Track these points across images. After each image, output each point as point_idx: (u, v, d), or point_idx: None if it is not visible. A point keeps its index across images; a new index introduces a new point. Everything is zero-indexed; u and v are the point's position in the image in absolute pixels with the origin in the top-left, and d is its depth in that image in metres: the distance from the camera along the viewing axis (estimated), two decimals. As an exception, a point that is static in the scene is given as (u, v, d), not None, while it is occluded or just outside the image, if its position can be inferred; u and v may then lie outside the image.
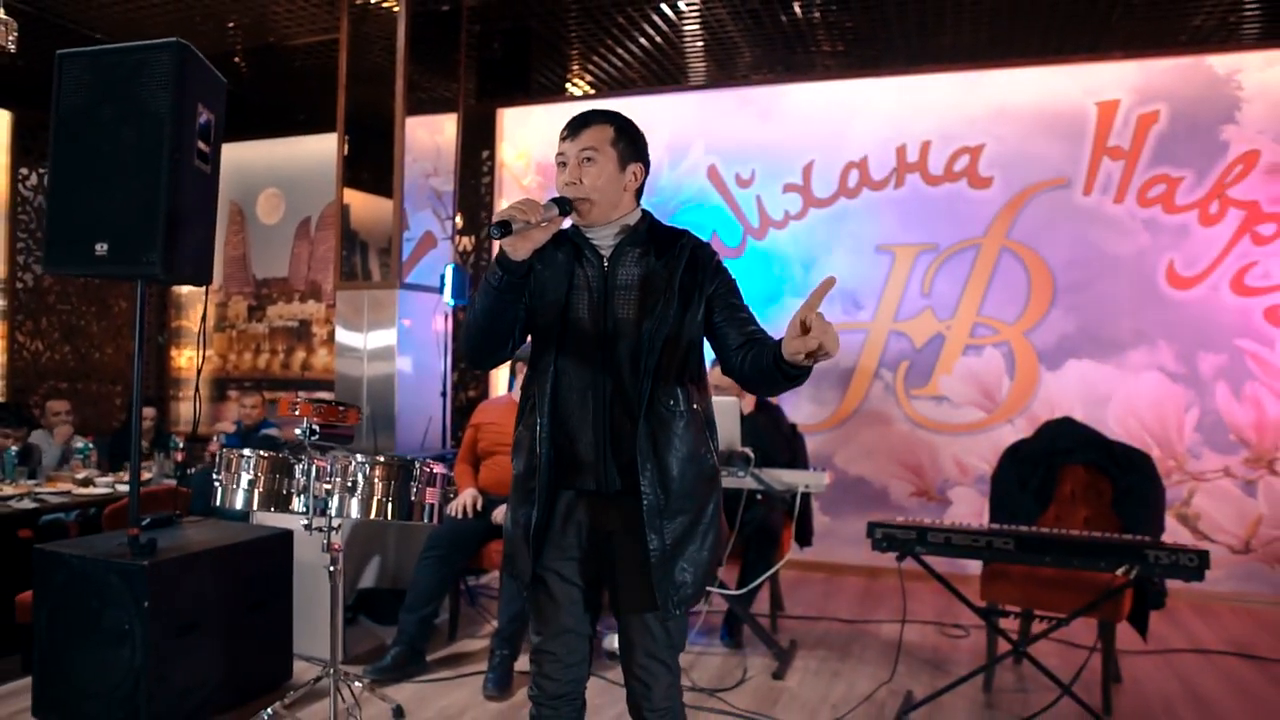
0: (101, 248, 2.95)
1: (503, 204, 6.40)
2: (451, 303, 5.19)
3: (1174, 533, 4.83)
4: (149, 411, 6.16)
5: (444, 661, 3.79)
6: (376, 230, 5.45)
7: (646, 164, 1.83)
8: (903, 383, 5.47)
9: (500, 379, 6.31)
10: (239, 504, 2.79)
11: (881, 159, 5.53)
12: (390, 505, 2.69)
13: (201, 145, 3.10)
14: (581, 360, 1.77)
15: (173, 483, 4.82)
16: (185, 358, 7.45)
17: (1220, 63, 4.97)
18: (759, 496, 3.99)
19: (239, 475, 2.80)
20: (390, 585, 4.35)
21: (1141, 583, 3.35)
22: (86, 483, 4.99)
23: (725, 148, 5.85)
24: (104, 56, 3.03)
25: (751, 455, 3.81)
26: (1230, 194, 4.92)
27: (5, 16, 4.12)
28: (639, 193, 1.84)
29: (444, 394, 5.33)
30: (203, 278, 3.19)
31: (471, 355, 1.80)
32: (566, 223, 1.80)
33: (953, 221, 5.38)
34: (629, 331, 1.75)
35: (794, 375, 1.57)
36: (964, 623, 4.41)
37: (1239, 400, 4.90)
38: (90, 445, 5.55)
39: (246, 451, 2.82)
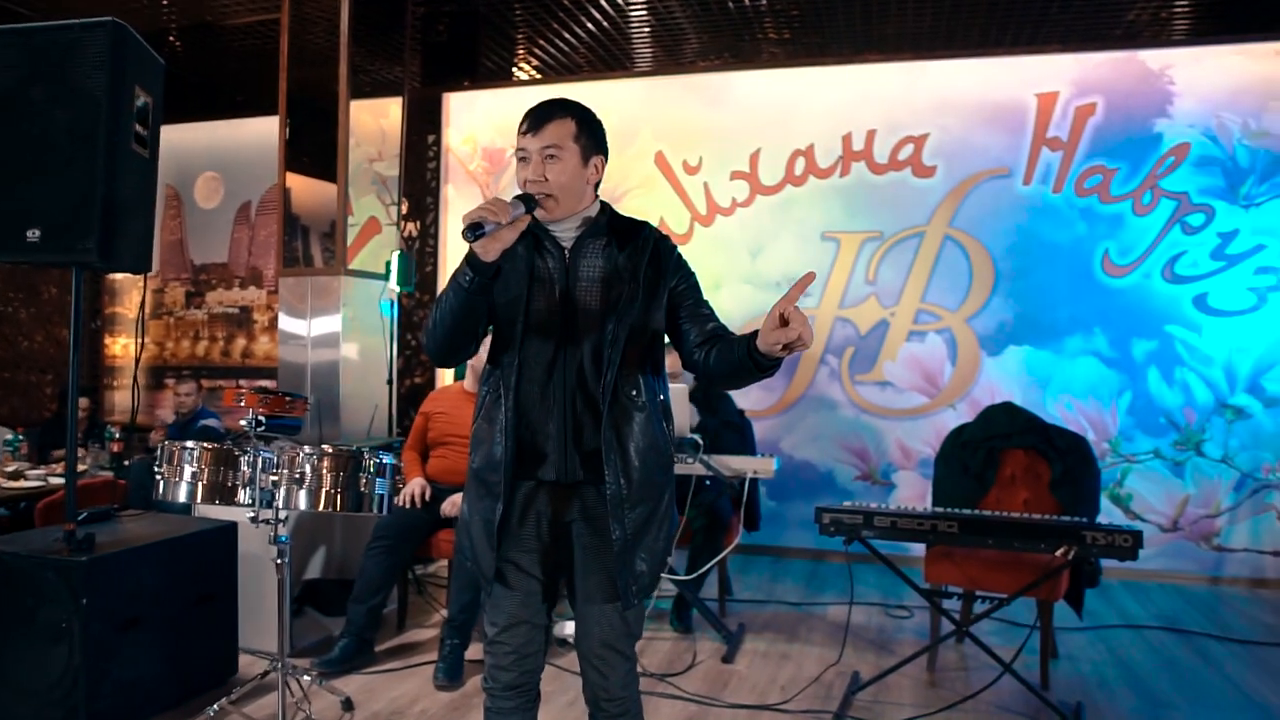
0: (34, 234, 2.84)
1: (449, 190, 6.32)
2: (398, 289, 5.12)
3: (1107, 512, 5.00)
4: (83, 402, 5.97)
5: (393, 652, 3.77)
6: (318, 215, 5.35)
7: (606, 154, 1.84)
8: (848, 368, 5.55)
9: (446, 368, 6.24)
10: (181, 497, 2.74)
11: (828, 147, 5.59)
12: (339, 496, 2.66)
13: (139, 128, 3.00)
14: (544, 353, 1.77)
15: (109, 475, 4.69)
16: (120, 345, 7.23)
17: (1153, 57, 5.12)
18: (707, 482, 4.02)
19: (181, 468, 2.74)
20: (336, 576, 4.30)
21: (1078, 562, 3.46)
22: (16, 476, 4.85)
23: (672, 134, 5.86)
24: (34, 35, 2.91)
25: (701, 441, 3.84)
26: (1162, 185, 5.08)
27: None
28: (598, 184, 1.85)
29: (390, 381, 5.27)
30: (141, 265, 3.10)
31: (438, 353, 1.80)
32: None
33: (897, 210, 5.46)
34: (592, 324, 1.77)
35: (767, 367, 1.60)
36: (908, 604, 4.51)
37: (1169, 385, 5.08)
38: (20, 437, 5.38)
39: (189, 444, 2.76)
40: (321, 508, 2.64)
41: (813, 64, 5.65)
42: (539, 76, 6.74)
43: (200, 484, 2.73)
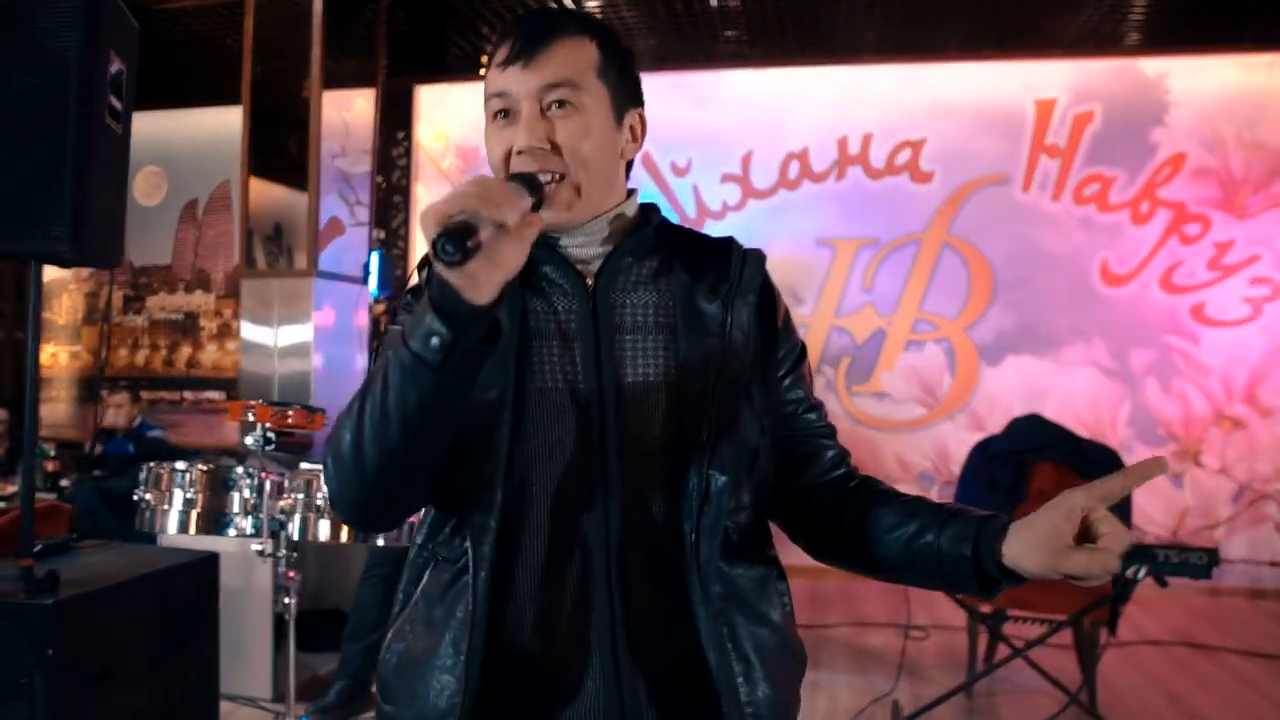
0: (-12, 220, 2.43)
1: (419, 191, 5.95)
2: (375, 293, 4.76)
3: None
4: (1, 414, 5.43)
5: (390, 693, 3.40)
6: (266, 215, 4.93)
7: (643, 107, 1.07)
8: (844, 379, 5.39)
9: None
10: (172, 527, 2.37)
11: (822, 150, 5.43)
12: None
13: (114, 100, 2.61)
14: (556, 480, 0.97)
15: (51, 498, 4.20)
16: (48, 354, 6.62)
17: (1150, 66, 5.10)
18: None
19: (171, 493, 2.36)
20: (311, 606, 3.91)
21: (1122, 587, 3.32)
22: (-62, 500, 4.31)
23: (660, 135, 5.57)
24: (-14, -10, 2.51)
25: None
26: (1159, 194, 5.07)
27: None
28: (631, 164, 1.08)
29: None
30: (112, 258, 2.68)
31: (363, 509, 0.97)
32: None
33: (894, 215, 5.34)
34: (655, 414, 0.98)
35: (994, 590, 0.93)
36: (922, 624, 4.33)
37: (1168, 395, 5.05)
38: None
39: (180, 465, 2.38)
40: (345, 539, 2.29)
41: (807, 64, 5.50)
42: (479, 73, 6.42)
43: (194, 512, 2.35)
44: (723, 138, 5.53)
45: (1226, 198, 5.02)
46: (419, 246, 5.87)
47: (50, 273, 6.55)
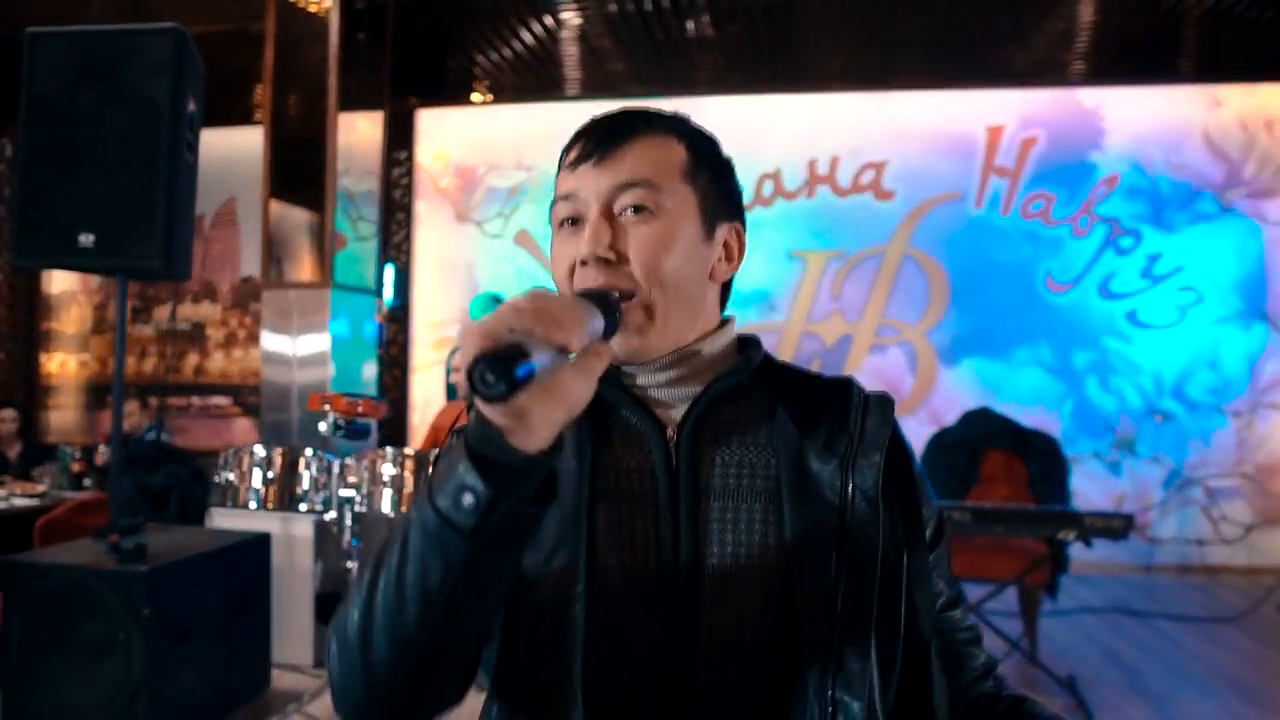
0: (86, 239, 2.82)
1: (419, 208, 6.34)
2: (390, 302, 5.13)
3: (1055, 510, 5.45)
4: (9, 414, 5.70)
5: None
6: (277, 231, 5.28)
7: (743, 222, 0.92)
8: (815, 380, 5.85)
9: (425, 384, 6.25)
10: (252, 503, 2.75)
11: (794, 171, 5.91)
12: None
13: (190, 136, 3.01)
14: (629, 680, 0.79)
15: (93, 494, 4.53)
16: (56, 362, 6.90)
17: (1088, 96, 5.66)
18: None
19: (251, 473, 2.75)
20: (334, 590, 4.27)
21: (1058, 550, 3.81)
22: (-25, 497, 4.63)
23: (645, 156, 6.06)
24: (83, 38, 2.90)
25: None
26: (1096, 211, 5.61)
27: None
28: (727, 289, 0.93)
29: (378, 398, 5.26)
30: (187, 271, 3.08)
31: (371, 709, 0.74)
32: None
33: (859, 230, 5.82)
34: (750, 606, 0.79)
35: None
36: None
37: (1106, 391, 5.58)
38: (-24, 457, 5.12)
39: (257, 448, 2.77)
40: (405, 509, 2.70)
41: (780, 92, 5.97)
42: (490, 98, 6.82)
43: (271, 489, 2.74)
44: (702, 159, 5.98)
45: (1155, 214, 5.58)
46: (420, 262, 6.26)
47: (59, 284, 6.87)
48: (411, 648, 0.68)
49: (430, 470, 0.71)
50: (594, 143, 0.82)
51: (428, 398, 6.12)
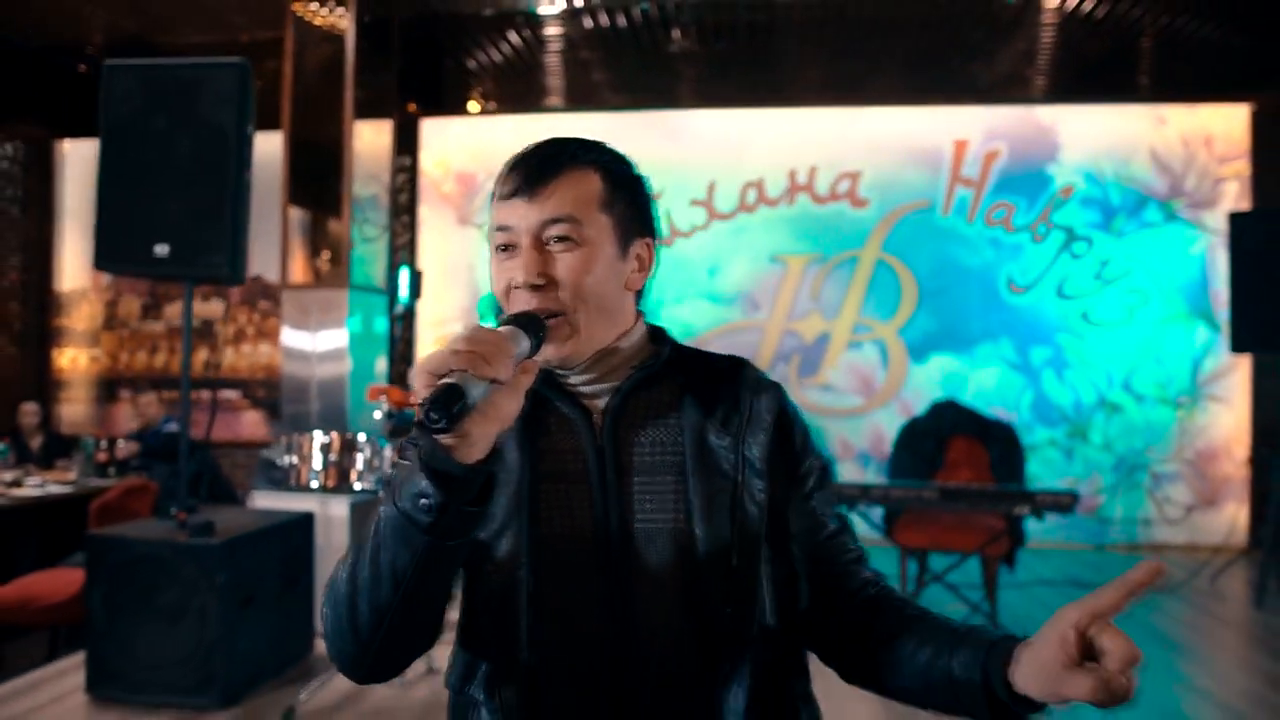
0: (161, 249, 3.17)
1: (423, 211, 6.69)
2: (403, 301, 5.47)
3: (1015, 493, 5.94)
4: (31, 408, 5.99)
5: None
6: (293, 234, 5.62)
7: (657, 235, 1.07)
8: (795, 374, 6.30)
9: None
10: (313, 483, 3.12)
11: (776, 180, 6.34)
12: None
13: (248, 157, 3.36)
14: (575, 628, 0.95)
15: (139, 480, 4.85)
16: (67, 358, 7.17)
17: (1045, 113, 6.15)
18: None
19: (312, 456, 3.12)
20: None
21: (1014, 527, 4.28)
22: (16, 484, 4.93)
23: (637, 165, 6.46)
24: (157, 70, 3.25)
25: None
26: (1053, 219, 6.10)
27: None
28: (645, 291, 1.06)
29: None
30: (243, 277, 3.42)
31: (360, 664, 0.92)
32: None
33: (836, 236, 6.27)
34: (667, 561, 0.94)
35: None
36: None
37: (1061, 384, 6.08)
38: (7, 448, 5.41)
39: (318, 433, 3.14)
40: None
41: (763, 106, 6.41)
42: (486, 108, 7.18)
43: (330, 470, 3.12)
44: (690, 168, 6.40)
45: (1107, 222, 6.08)
46: (423, 263, 6.61)
47: (69, 282, 7.15)
48: (387, 613, 0.85)
49: (394, 473, 0.86)
50: (523, 179, 0.95)
51: (431, 391, 6.47)
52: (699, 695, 0.92)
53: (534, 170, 0.94)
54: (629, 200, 1.00)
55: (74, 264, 7.17)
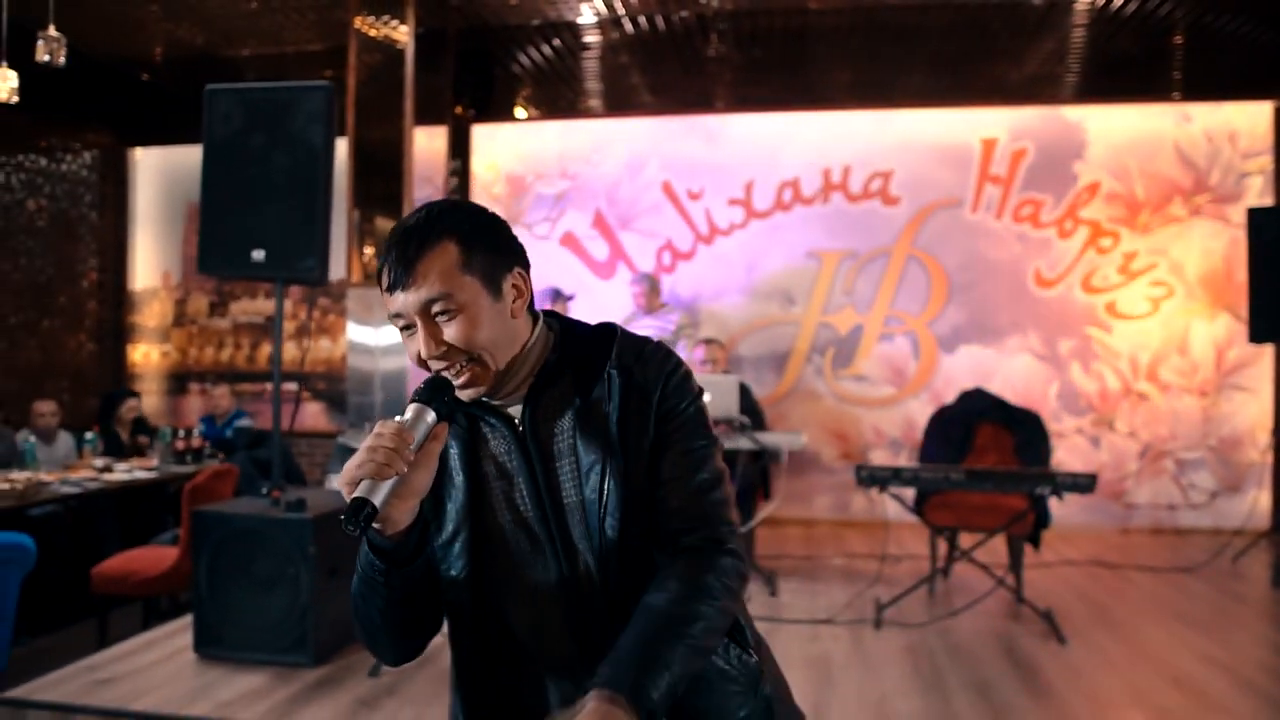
0: (258, 254, 3.53)
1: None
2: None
3: (1042, 479, 6.16)
4: (134, 403, 6.43)
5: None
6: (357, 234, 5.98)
7: (524, 260, 1.19)
8: (830, 365, 6.58)
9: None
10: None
11: (810, 179, 6.61)
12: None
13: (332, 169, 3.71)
14: (529, 586, 1.17)
15: (219, 465, 5.26)
16: (140, 353, 7.63)
17: (1072, 113, 6.36)
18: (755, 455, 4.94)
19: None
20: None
21: (1038, 507, 4.53)
22: (107, 469, 5.35)
23: (677, 166, 6.77)
24: (251, 93, 3.61)
25: (748, 422, 4.76)
26: (1080, 215, 6.31)
27: (55, 33, 4.53)
28: (531, 303, 1.20)
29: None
30: (327, 279, 3.78)
31: (386, 657, 1.26)
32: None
33: (869, 233, 6.53)
34: (578, 523, 1.15)
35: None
36: (893, 553, 5.53)
37: (1087, 375, 6.30)
38: (98, 436, 5.84)
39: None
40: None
41: (798, 110, 6.68)
42: (534, 114, 7.52)
43: (411, 452, 3.46)
44: (729, 168, 6.69)
45: (1131, 217, 6.28)
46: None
47: (142, 281, 7.59)
48: (382, 624, 1.17)
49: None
50: (394, 274, 1.10)
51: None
52: (602, 611, 1.14)
53: (398, 263, 1.09)
54: (485, 250, 1.12)
55: (146, 264, 7.62)
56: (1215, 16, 5.92)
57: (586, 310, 6.10)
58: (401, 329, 1.13)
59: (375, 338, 5.69)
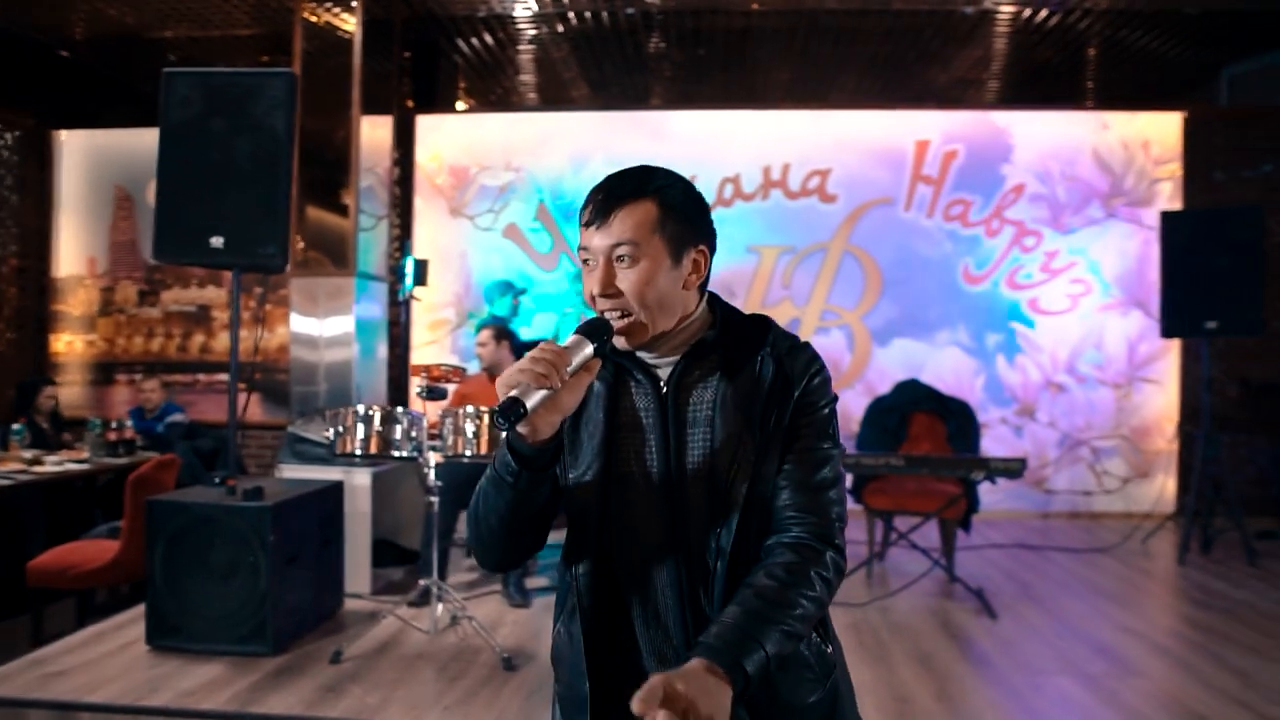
0: (217, 241, 3.50)
1: (417, 203, 7.01)
2: (408, 288, 5.78)
3: (970, 467, 6.46)
4: (52, 391, 6.21)
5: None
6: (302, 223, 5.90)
7: (712, 241, 1.30)
8: (769, 358, 6.75)
9: (422, 360, 6.93)
10: (358, 450, 3.48)
11: (751, 176, 6.78)
12: (489, 443, 3.50)
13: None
14: (639, 536, 1.25)
15: (156, 455, 5.13)
16: (63, 342, 7.36)
17: (999, 117, 6.67)
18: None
19: (356, 427, 3.48)
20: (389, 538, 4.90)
21: (969, 492, 4.78)
22: (36, 461, 5.19)
23: (622, 160, 6.78)
24: (212, 77, 3.57)
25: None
26: (1006, 215, 6.63)
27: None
28: (705, 283, 1.31)
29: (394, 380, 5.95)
30: (285, 266, 3.75)
31: (486, 562, 1.33)
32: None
33: (807, 229, 6.73)
34: (702, 490, 1.23)
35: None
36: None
37: (1011, 367, 6.63)
38: (25, 428, 5.64)
39: (359, 407, 3.50)
40: (485, 451, 3.46)
41: (739, 109, 6.84)
42: (484, 105, 7.52)
43: (373, 438, 3.48)
44: (672, 164, 6.63)
45: (1054, 218, 6.63)
46: (417, 252, 6.94)
47: (65, 267, 7.34)
48: (497, 530, 1.24)
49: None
50: (594, 212, 1.22)
51: (425, 374, 6.82)
52: (711, 574, 1.22)
53: (601, 204, 1.22)
54: (680, 220, 1.23)
55: (70, 251, 7.36)
56: (1129, 33, 6.31)
57: (529, 304, 6.16)
58: (584, 263, 1.24)
59: (319, 328, 5.63)
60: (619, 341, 1.22)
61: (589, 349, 1.17)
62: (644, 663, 1.26)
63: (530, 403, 1.08)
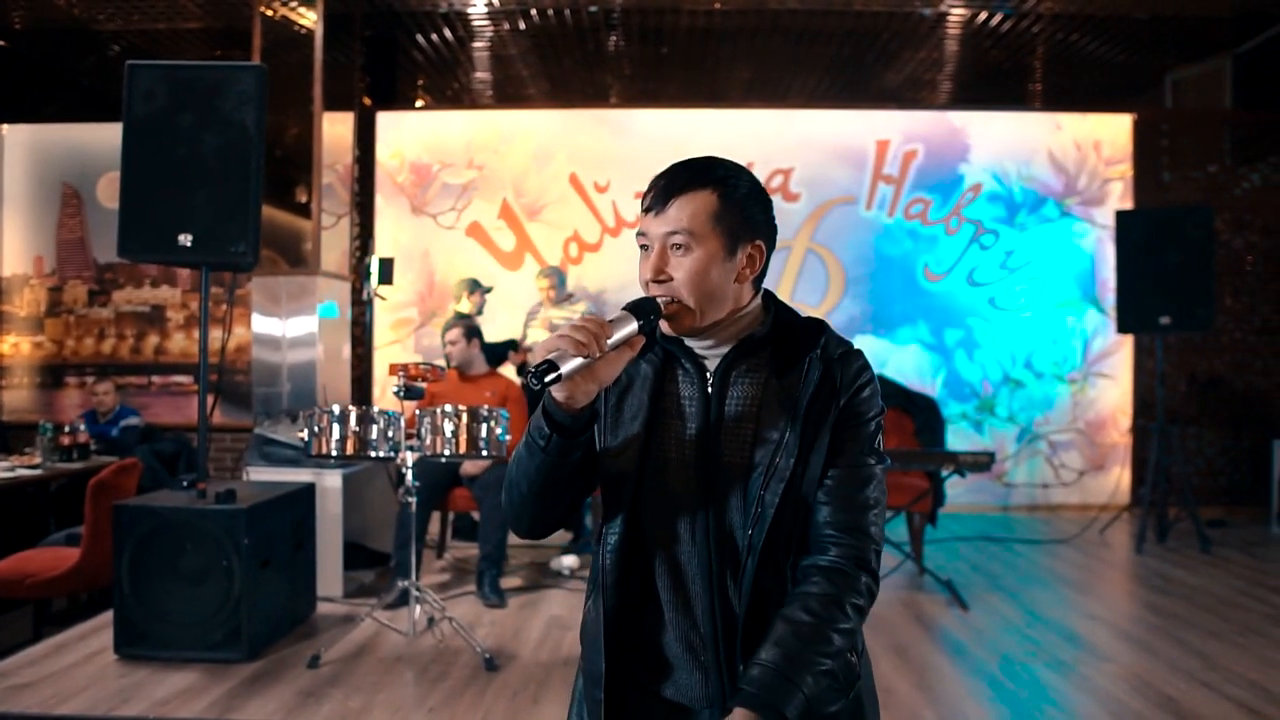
0: (185, 238, 3.41)
1: (379, 201, 6.92)
2: (373, 288, 5.68)
3: (932, 461, 6.57)
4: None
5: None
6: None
7: (770, 237, 1.29)
8: (735, 356, 6.80)
9: (384, 359, 6.84)
10: (335, 450, 3.42)
11: (716, 175, 6.80)
12: (469, 442, 3.46)
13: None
14: (673, 522, 1.26)
15: (117, 459, 4.98)
16: (9, 344, 7.11)
17: (956, 118, 6.79)
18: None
19: (331, 428, 3.42)
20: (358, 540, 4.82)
21: (937, 487, 4.86)
22: (-19, 468, 5.01)
23: (584, 158, 6.84)
24: (178, 70, 3.49)
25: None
26: (964, 214, 6.76)
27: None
28: (760, 278, 1.30)
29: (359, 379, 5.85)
30: (255, 264, 3.66)
31: (519, 527, 1.35)
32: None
33: (771, 227, 6.78)
34: (737, 484, 1.23)
35: None
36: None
37: (971, 363, 6.76)
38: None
39: (336, 407, 3.44)
40: (463, 450, 3.43)
41: (703, 107, 6.87)
42: (445, 102, 7.44)
43: (349, 439, 3.43)
44: (635, 162, 6.79)
45: (1011, 217, 6.78)
46: (379, 250, 6.84)
47: (10, 267, 7.11)
48: (529, 496, 1.27)
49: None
50: (654, 198, 1.24)
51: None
52: (739, 567, 1.22)
53: (661, 191, 1.23)
54: (739, 213, 1.23)
55: (14, 249, 7.11)
56: (1079, 37, 6.48)
57: (493, 302, 6.11)
58: (641, 247, 1.25)
59: (281, 329, 5.51)
60: (664, 325, 1.23)
61: (633, 325, 1.18)
62: (669, 648, 1.27)
63: (565, 368, 1.10)
